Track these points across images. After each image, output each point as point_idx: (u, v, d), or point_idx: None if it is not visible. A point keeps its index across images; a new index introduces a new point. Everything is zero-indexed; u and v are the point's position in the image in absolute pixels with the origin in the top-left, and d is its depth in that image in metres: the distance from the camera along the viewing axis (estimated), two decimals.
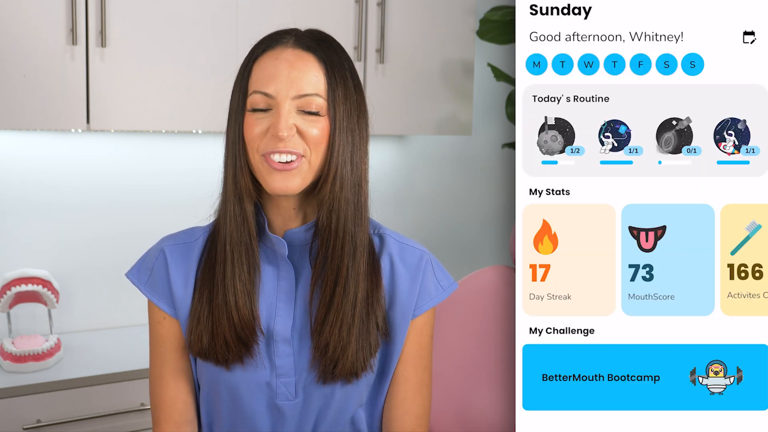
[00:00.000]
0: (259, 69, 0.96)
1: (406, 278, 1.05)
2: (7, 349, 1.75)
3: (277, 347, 1.01)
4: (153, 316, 1.06)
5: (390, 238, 1.07)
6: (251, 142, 0.96)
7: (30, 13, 1.67)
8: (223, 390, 1.03)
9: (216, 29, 1.85)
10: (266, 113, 0.95)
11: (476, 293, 1.42)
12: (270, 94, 0.94)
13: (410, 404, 1.07)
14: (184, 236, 1.07)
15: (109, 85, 1.75)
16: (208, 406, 1.07)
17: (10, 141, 1.95)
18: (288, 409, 1.02)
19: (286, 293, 1.02)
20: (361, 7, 2.03)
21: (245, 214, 0.99)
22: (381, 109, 2.11)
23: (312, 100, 0.95)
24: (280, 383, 1.01)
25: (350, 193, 0.98)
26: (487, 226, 2.71)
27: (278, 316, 1.02)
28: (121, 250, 2.02)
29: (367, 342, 1.00)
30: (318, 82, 0.95)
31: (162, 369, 1.06)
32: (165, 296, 1.04)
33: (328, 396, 1.02)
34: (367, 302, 1.00)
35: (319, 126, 0.95)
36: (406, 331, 1.05)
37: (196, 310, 1.01)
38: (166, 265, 1.04)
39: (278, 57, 0.96)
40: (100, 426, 1.74)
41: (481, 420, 1.34)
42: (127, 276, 1.08)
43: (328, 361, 0.99)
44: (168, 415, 1.05)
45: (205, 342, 1.00)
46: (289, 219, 1.02)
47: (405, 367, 1.06)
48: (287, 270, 1.02)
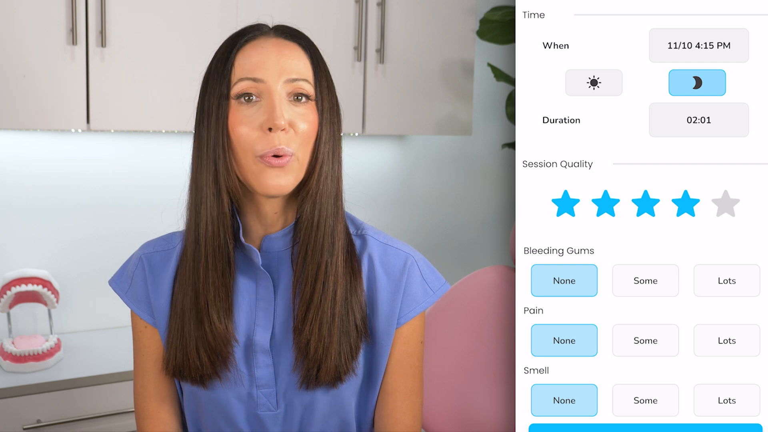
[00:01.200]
0: (243, 57, 0.93)
1: (387, 285, 1.01)
2: (7, 349, 1.75)
3: (257, 358, 0.99)
4: (135, 324, 1.05)
5: (372, 240, 1.03)
6: (241, 142, 0.91)
7: (30, 13, 1.67)
8: (205, 401, 1.01)
9: (216, 29, 1.85)
10: (254, 104, 0.92)
11: (476, 293, 1.41)
12: (260, 78, 0.91)
13: (400, 415, 1.03)
14: (162, 243, 1.05)
15: (109, 85, 1.75)
16: (193, 416, 1.06)
17: (10, 141, 1.95)
18: (269, 419, 1.00)
19: (264, 302, 0.99)
20: (361, 7, 2.03)
21: (224, 215, 0.94)
22: (381, 109, 2.11)
23: (302, 85, 0.93)
24: (261, 394, 0.99)
25: (331, 186, 0.96)
26: (487, 226, 2.71)
27: (258, 326, 0.99)
28: (121, 250, 2.01)
29: (347, 344, 0.97)
30: (306, 68, 0.94)
31: (144, 379, 1.05)
32: (145, 305, 1.03)
33: (309, 406, 0.99)
34: (346, 301, 0.97)
35: (309, 119, 0.93)
36: (391, 339, 1.01)
37: (171, 325, 0.98)
38: (144, 274, 1.02)
39: (264, 45, 0.94)
40: (100, 426, 1.74)
41: (481, 420, 1.34)
42: (110, 284, 1.06)
43: (311, 364, 0.95)
44: (153, 424, 1.05)
45: (179, 359, 0.97)
46: (270, 224, 0.98)
47: (393, 378, 1.03)
48: (265, 279, 0.99)
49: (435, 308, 1.44)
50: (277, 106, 0.90)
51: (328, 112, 0.95)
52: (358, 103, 2.07)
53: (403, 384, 1.03)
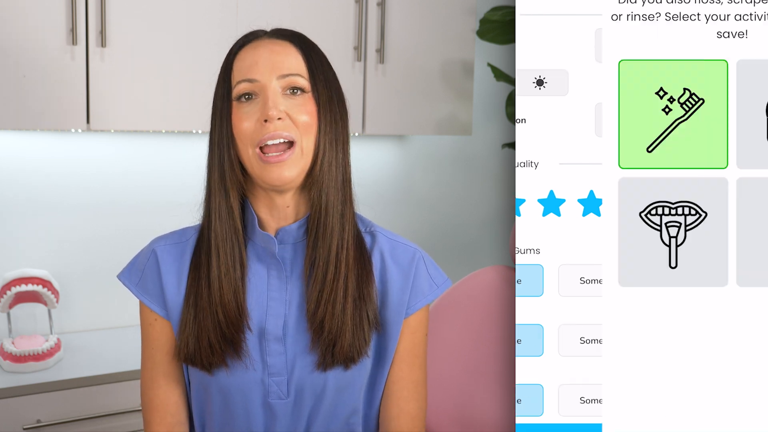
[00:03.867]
0: (239, 61, 1.00)
1: (398, 276, 1.05)
2: (7, 349, 1.75)
3: (269, 346, 1.02)
4: (145, 317, 1.06)
5: (381, 236, 1.08)
6: (242, 137, 0.97)
7: (30, 13, 1.67)
8: (214, 391, 1.02)
9: (216, 29, 1.85)
10: (253, 101, 0.97)
11: (476, 293, 1.42)
12: (254, 78, 0.97)
13: (405, 404, 1.07)
14: (176, 236, 1.08)
15: (109, 85, 1.75)
16: (199, 407, 1.07)
17: (10, 141, 1.95)
18: (280, 408, 1.02)
19: (277, 291, 1.03)
20: (361, 7, 2.03)
21: (231, 209, 1.00)
22: (381, 109, 2.11)
23: (295, 79, 0.98)
24: (272, 382, 1.02)
25: (336, 173, 1.00)
26: (487, 226, 2.71)
27: (270, 315, 1.02)
28: (121, 250, 2.01)
29: (361, 328, 1.00)
30: (298, 63, 0.99)
31: (153, 371, 1.06)
32: (157, 298, 1.04)
33: (319, 394, 1.02)
34: (358, 287, 1.01)
35: (308, 110, 0.98)
36: (399, 328, 1.05)
37: (184, 315, 1.01)
38: (158, 266, 1.04)
39: (256, 47, 1.00)
40: (100, 426, 1.74)
41: (481, 420, 1.34)
42: (119, 278, 1.08)
43: (327, 343, 0.99)
44: (160, 417, 1.05)
45: (191, 346, 1.00)
46: (283, 218, 1.02)
47: (400, 367, 1.07)
48: (277, 268, 1.03)
49: (435, 308, 1.44)
50: (270, 98, 0.96)
51: (327, 104, 1.00)
52: (358, 103, 2.07)
53: (409, 373, 1.07)
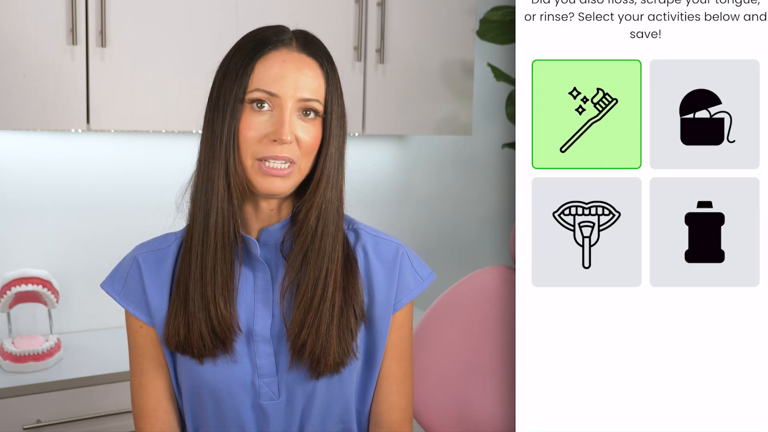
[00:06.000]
0: (264, 68, 0.97)
1: (383, 272, 1.06)
2: (7, 349, 1.75)
3: (258, 347, 1.02)
4: (130, 325, 1.06)
5: (364, 233, 1.08)
6: (246, 145, 0.96)
7: (30, 13, 1.67)
8: (206, 394, 1.02)
9: (216, 29, 1.85)
10: (265, 112, 0.97)
11: (476, 293, 1.42)
12: (276, 93, 0.96)
13: (395, 398, 1.08)
14: (158, 243, 1.08)
15: (109, 85, 1.75)
16: (192, 411, 1.06)
17: (10, 141, 1.95)
18: (272, 408, 1.02)
19: (263, 293, 1.03)
20: (361, 7, 2.03)
21: (233, 210, 0.99)
22: (381, 109, 2.11)
23: (312, 104, 0.98)
24: (263, 383, 1.02)
25: (335, 196, 1.01)
26: (487, 226, 2.71)
27: (257, 317, 1.02)
28: (121, 250, 1.99)
29: (345, 339, 1.01)
30: (320, 88, 0.99)
31: (142, 378, 1.06)
32: (140, 305, 1.04)
33: (311, 394, 1.02)
34: (344, 295, 1.01)
35: (313, 134, 0.98)
36: (388, 325, 1.06)
37: (174, 305, 1.01)
38: (140, 273, 1.04)
39: (285, 59, 0.98)
40: (100, 426, 1.74)
41: (481, 420, 1.34)
42: (102, 286, 1.08)
43: (311, 360, 0.99)
44: (151, 424, 1.06)
45: (181, 335, 1.00)
46: (265, 219, 1.03)
47: (389, 363, 1.08)
48: (263, 270, 1.03)
49: (435, 308, 1.44)
50: (287, 122, 0.95)
51: (336, 128, 1.01)
52: (358, 103, 2.07)
53: (398, 368, 1.09)
